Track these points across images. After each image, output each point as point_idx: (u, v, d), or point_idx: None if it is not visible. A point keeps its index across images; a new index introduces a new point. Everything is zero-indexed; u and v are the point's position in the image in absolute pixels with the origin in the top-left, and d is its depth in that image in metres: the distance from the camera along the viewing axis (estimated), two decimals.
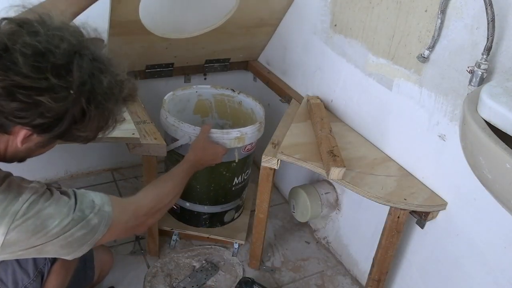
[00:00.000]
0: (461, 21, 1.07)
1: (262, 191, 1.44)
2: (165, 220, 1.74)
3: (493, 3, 0.94)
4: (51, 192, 0.81)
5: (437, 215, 1.25)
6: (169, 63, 1.85)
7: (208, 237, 1.72)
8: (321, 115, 1.49)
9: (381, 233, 1.29)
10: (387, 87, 1.35)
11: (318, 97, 1.65)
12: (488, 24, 0.96)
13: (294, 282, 1.63)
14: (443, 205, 1.22)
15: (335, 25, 1.52)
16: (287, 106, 1.75)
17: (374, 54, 1.37)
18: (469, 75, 1.02)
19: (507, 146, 0.67)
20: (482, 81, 1.00)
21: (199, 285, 1.55)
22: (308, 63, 1.72)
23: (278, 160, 1.34)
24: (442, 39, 1.13)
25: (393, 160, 1.38)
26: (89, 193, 0.87)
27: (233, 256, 1.69)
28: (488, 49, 0.97)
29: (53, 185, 0.85)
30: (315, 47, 1.66)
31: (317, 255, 1.76)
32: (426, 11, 1.16)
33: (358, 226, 1.61)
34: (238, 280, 1.53)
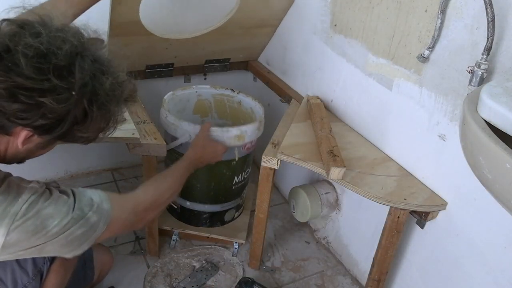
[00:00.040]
0: (461, 21, 1.07)
1: (262, 191, 1.44)
2: (165, 219, 1.74)
3: (493, 3, 0.94)
4: (50, 191, 0.81)
5: (437, 215, 1.26)
6: (169, 63, 1.85)
7: (208, 237, 1.72)
8: (321, 115, 1.50)
9: (381, 233, 1.29)
10: (387, 87, 1.35)
11: (318, 97, 1.65)
12: (488, 24, 0.96)
13: (294, 282, 1.63)
14: (443, 205, 1.22)
15: (335, 25, 1.52)
16: (287, 106, 1.75)
17: (374, 54, 1.37)
18: (469, 75, 1.02)
19: (507, 146, 0.67)
20: (482, 81, 1.00)
21: (199, 285, 1.55)
22: (308, 63, 1.72)
23: (278, 160, 1.34)
24: (442, 39, 1.13)
25: (393, 160, 1.38)
26: (87, 191, 0.87)
27: (233, 256, 1.69)
28: (488, 49, 0.97)
29: (51, 184, 0.85)
30: (315, 47, 1.66)
31: (317, 255, 1.76)
32: (426, 11, 1.16)
33: (358, 226, 1.61)
34: (238, 280, 1.53)
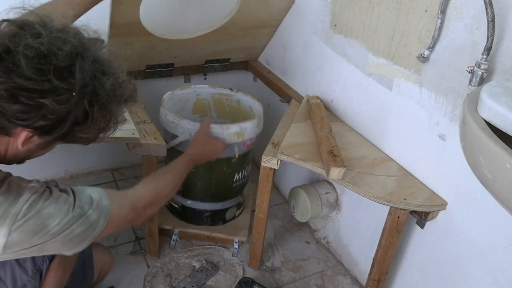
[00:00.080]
0: (461, 21, 1.07)
1: (262, 191, 1.44)
2: (166, 219, 1.74)
3: (493, 3, 0.94)
4: (51, 190, 0.81)
5: (437, 215, 1.26)
6: (169, 63, 1.85)
7: (208, 237, 1.72)
8: (321, 115, 1.50)
9: (381, 233, 1.29)
10: (387, 87, 1.35)
11: (318, 97, 1.65)
12: (488, 24, 0.96)
13: (294, 282, 1.63)
14: (443, 205, 1.22)
15: (335, 25, 1.52)
16: (287, 106, 1.75)
17: (374, 54, 1.37)
18: (469, 75, 1.02)
19: (507, 146, 0.67)
20: (482, 81, 1.00)
21: (199, 285, 1.55)
22: (308, 63, 1.72)
23: (278, 160, 1.34)
24: (442, 39, 1.13)
25: (393, 160, 1.38)
26: (87, 189, 0.87)
27: (233, 256, 1.69)
28: (488, 49, 0.97)
29: (50, 183, 0.85)
30: (315, 47, 1.66)
31: (317, 255, 1.76)
32: (426, 11, 1.16)
33: (358, 226, 1.61)
34: (238, 280, 1.53)
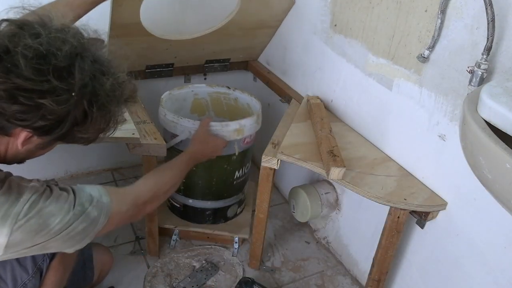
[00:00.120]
0: (461, 21, 1.07)
1: (262, 191, 1.44)
2: (168, 218, 1.74)
3: (493, 3, 0.94)
4: (51, 189, 0.82)
5: (437, 215, 1.25)
6: (169, 63, 1.85)
7: (208, 237, 1.72)
8: (321, 115, 1.49)
9: (381, 233, 1.29)
10: (387, 87, 1.35)
11: (318, 97, 1.65)
12: (488, 24, 0.96)
13: (294, 282, 1.63)
14: (443, 205, 1.22)
15: (335, 25, 1.52)
16: (287, 106, 1.75)
17: (374, 54, 1.37)
18: (469, 75, 1.02)
19: (507, 146, 0.67)
20: (482, 81, 1.00)
21: (199, 285, 1.55)
22: (308, 63, 1.72)
23: (278, 160, 1.34)
24: (442, 39, 1.13)
25: (393, 160, 1.38)
26: (86, 187, 0.88)
27: (233, 256, 1.69)
28: (488, 49, 0.97)
29: (50, 182, 0.85)
30: (315, 47, 1.66)
31: (317, 255, 1.76)
32: (426, 11, 1.16)
33: (358, 226, 1.61)
34: (238, 280, 1.53)
